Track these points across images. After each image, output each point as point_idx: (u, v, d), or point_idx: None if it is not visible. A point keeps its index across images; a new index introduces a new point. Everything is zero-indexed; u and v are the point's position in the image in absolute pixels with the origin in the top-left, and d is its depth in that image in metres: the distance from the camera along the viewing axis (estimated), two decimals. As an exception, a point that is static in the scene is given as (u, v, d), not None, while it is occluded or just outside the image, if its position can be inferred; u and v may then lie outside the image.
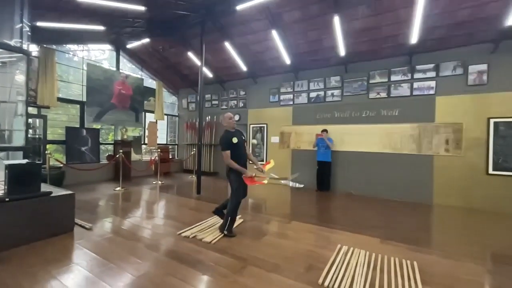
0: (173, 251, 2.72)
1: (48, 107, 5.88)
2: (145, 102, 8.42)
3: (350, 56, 5.88)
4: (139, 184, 6.69)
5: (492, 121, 4.79)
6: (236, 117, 8.13)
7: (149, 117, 8.60)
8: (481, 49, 4.91)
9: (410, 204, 5.15)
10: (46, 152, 5.17)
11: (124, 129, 7.53)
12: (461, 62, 5.08)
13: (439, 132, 5.24)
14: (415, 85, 5.51)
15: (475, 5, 4.26)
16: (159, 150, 7.34)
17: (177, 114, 9.93)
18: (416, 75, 5.50)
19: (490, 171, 4.79)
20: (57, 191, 3.23)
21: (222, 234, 3.11)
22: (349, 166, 6.18)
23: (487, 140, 4.83)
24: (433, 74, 5.34)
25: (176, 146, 9.93)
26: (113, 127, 7.79)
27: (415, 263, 2.50)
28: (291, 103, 7.11)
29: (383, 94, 5.85)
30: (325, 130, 6.17)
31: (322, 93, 6.64)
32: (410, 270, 2.35)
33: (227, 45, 6.37)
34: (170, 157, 9.02)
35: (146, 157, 8.52)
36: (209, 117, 8.73)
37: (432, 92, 5.34)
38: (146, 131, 8.28)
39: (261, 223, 3.68)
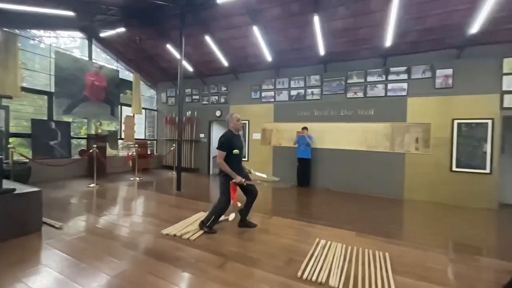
0: (151, 249, 2.65)
1: (10, 97, 5.38)
2: (121, 95, 8.03)
3: (329, 55, 6.03)
4: (116, 180, 6.40)
5: (456, 122, 5.19)
6: (217, 113, 8.05)
7: (126, 111, 8.21)
8: (447, 55, 5.27)
9: (384, 199, 5.45)
10: (9, 146, 4.76)
11: (99, 123, 7.14)
12: (429, 66, 5.42)
13: (410, 131, 5.57)
14: (389, 86, 5.80)
15: (443, 12, 4.54)
16: (136, 145, 7.07)
17: (156, 109, 9.60)
18: (390, 77, 5.79)
19: (454, 168, 5.20)
20: (22, 188, 3.00)
21: (202, 231, 3.09)
22: (328, 163, 6.38)
23: (451, 140, 5.23)
24: (405, 76, 5.65)
25: (155, 141, 9.61)
26: (86, 120, 7.35)
27: (387, 254, 2.66)
28: (273, 100, 7.17)
29: (360, 94, 6.09)
30: (305, 128, 6.31)
31: (302, 91, 6.76)
32: (382, 261, 2.50)
33: (208, 39, 6.24)
34: (149, 152, 8.73)
35: (123, 153, 8.14)
36: (190, 112, 8.54)
37: (404, 93, 5.65)
38: (123, 125, 7.90)
39: (242, 219, 3.68)
